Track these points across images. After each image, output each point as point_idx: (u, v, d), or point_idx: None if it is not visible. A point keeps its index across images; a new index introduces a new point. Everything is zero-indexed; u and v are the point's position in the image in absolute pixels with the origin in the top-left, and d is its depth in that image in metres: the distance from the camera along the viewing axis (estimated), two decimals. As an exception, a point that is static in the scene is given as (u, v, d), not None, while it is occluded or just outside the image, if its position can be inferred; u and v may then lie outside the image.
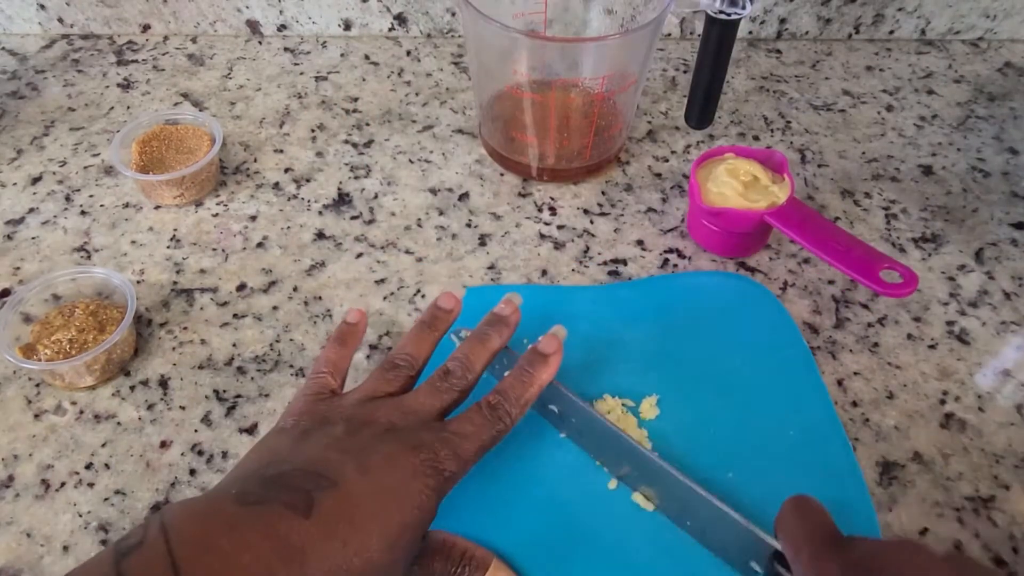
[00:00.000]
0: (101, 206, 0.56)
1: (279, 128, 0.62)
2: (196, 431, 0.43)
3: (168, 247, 0.53)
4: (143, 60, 0.68)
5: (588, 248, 0.53)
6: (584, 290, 0.50)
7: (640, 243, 0.54)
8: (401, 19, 0.70)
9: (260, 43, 0.71)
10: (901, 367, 0.47)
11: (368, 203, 0.56)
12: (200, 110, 0.63)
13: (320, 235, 0.54)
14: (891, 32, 0.72)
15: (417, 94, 0.66)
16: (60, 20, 0.70)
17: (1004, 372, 0.47)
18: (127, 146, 0.56)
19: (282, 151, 0.60)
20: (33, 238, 0.53)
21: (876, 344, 0.48)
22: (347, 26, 0.71)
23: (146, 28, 0.71)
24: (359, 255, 0.53)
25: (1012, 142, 0.62)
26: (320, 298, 0.50)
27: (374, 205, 0.56)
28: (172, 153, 0.56)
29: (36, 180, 0.57)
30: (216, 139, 0.55)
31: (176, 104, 0.64)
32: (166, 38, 0.71)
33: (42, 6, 0.68)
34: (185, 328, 0.48)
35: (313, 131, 0.62)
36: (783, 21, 0.71)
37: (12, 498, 0.40)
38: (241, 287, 0.51)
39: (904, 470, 0.42)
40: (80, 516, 0.40)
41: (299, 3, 0.69)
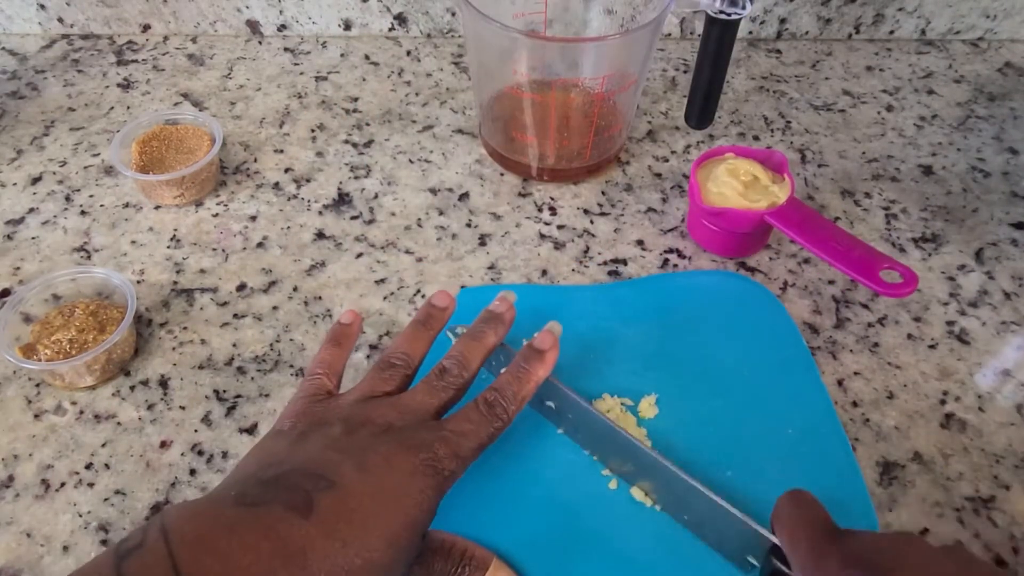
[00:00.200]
0: (101, 206, 0.56)
1: (279, 128, 0.62)
2: (196, 431, 0.43)
3: (168, 247, 0.53)
4: (143, 60, 0.68)
5: (588, 248, 0.53)
6: (583, 289, 0.50)
7: (640, 243, 0.54)
8: (401, 19, 0.70)
9: (260, 43, 0.71)
10: (901, 367, 0.47)
11: (368, 203, 0.56)
12: (200, 110, 0.63)
13: (320, 235, 0.54)
14: (891, 32, 0.72)
15: (417, 94, 0.66)
16: (60, 20, 0.70)
17: (1004, 372, 0.47)
18: (127, 146, 0.56)
19: (282, 151, 0.60)
20: (33, 238, 0.53)
21: (876, 344, 0.48)
22: (347, 26, 0.71)
23: (146, 28, 0.71)
24: (359, 255, 0.53)
25: (1012, 142, 0.62)
26: (320, 298, 0.50)
27: (374, 205, 0.56)
28: (172, 153, 0.56)
29: (36, 180, 0.57)
30: (216, 139, 0.55)
31: (176, 104, 0.64)
32: (166, 38, 0.71)
33: (42, 6, 0.68)
34: (185, 328, 0.48)
35: (313, 131, 0.62)
36: (783, 21, 0.71)
37: (12, 498, 0.40)
38: (241, 287, 0.51)
39: (904, 470, 0.42)
40: (80, 516, 0.40)
41: (299, 3, 0.69)
